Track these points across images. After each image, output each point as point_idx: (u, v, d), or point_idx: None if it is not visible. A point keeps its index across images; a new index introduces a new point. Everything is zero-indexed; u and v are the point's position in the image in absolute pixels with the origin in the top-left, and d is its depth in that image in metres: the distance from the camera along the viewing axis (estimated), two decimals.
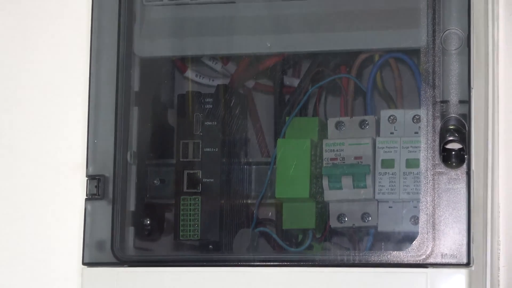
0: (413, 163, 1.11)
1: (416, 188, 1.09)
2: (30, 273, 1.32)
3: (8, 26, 1.37)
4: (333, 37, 1.15)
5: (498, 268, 1.18)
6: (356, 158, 1.13)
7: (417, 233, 1.04)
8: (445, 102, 1.06)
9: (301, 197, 1.13)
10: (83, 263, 1.11)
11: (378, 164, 1.12)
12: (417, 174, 1.09)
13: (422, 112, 1.06)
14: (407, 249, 1.05)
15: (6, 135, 1.35)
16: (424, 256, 1.03)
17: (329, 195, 1.13)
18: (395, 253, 1.05)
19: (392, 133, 1.13)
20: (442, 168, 1.05)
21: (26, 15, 1.37)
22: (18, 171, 1.35)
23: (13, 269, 1.34)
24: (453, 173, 1.04)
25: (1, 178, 1.36)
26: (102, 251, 1.11)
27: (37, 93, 1.35)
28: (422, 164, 1.06)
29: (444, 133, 1.05)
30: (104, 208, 1.12)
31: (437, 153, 1.05)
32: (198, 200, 1.16)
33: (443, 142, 1.05)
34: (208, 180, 1.16)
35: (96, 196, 1.12)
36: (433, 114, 1.05)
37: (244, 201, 1.18)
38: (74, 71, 1.31)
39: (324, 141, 1.14)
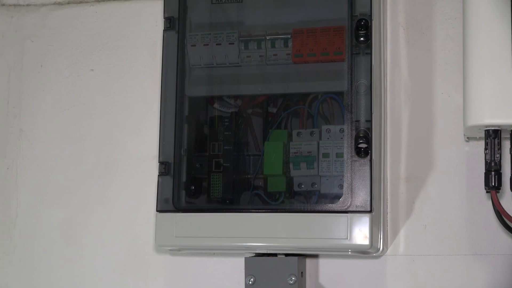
0: (340, 155, 1.10)
1: (341, 169, 1.08)
2: (128, 217, 1.28)
3: (117, 83, 1.32)
4: (295, 85, 1.15)
5: (387, 213, 1.18)
6: (308, 152, 1.11)
7: (342, 194, 1.06)
8: (357, 121, 1.07)
9: (278, 174, 1.12)
10: (157, 211, 1.11)
11: (320, 155, 1.11)
12: (342, 161, 1.08)
13: (345, 127, 1.08)
14: (336, 203, 1.06)
15: (123, 142, 1.30)
16: (346, 207, 1.05)
17: (293, 172, 1.12)
18: (330, 205, 1.07)
19: (328, 138, 1.12)
20: (356, 158, 1.06)
21: (131, 74, 1.32)
22: (125, 161, 1.29)
23: (118, 216, 1.29)
24: (362, 160, 1.06)
25: (117, 163, 1.30)
26: (167, 204, 1.11)
27: (134, 118, 1.30)
28: (345, 156, 1.07)
29: (357, 138, 1.07)
30: (168, 180, 1.12)
31: (353, 149, 1.06)
32: (220, 175, 1.14)
33: (356, 143, 1.07)
34: (226, 164, 1.14)
35: (164, 173, 1.12)
36: (351, 128, 1.07)
37: (246, 176, 1.15)
38: (153, 104, 1.26)
39: (290, 143, 1.13)
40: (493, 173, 1.04)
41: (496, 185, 1.04)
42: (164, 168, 1.13)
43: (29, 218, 1.32)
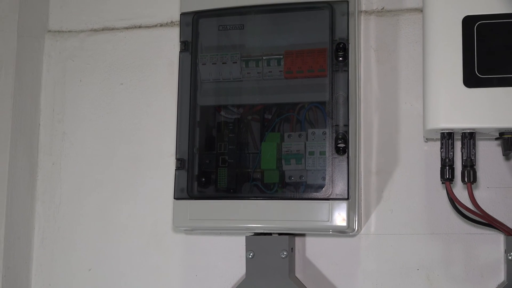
0: (323, 153, 1.09)
1: (324, 164, 1.08)
2: (151, 203, 1.27)
3: (142, 94, 1.30)
4: (287, 96, 1.15)
5: (361, 200, 1.17)
6: (297, 151, 1.11)
7: (324, 184, 1.07)
8: (337, 125, 1.08)
9: (272, 168, 1.12)
10: (174, 198, 1.12)
11: (307, 153, 1.10)
12: (325, 158, 1.08)
13: (327, 130, 1.08)
14: (320, 192, 1.07)
15: (146, 142, 1.28)
16: (328, 195, 1.06)
17: (285, 167, 1.12)
18: (315, 193, 1.08)
19: (313, 139, 1.11)
20: (336, 155, 1.07)
21: (153, 88, 1.29)
22: (148, 157, 1.27)
23: (142, 202, 1.28)
24: (341, 157, 1.07)
25: (142, 160, 1.28)
26: (182, 193, 1.12)
27: (155, 123, 1.28)
28: (327, 153, 1.08)
29: (337, 139, 1.08)
30: (184, 174, 1.12)
31: (333, 148, 1.07)
32: (226, 170, 1.13)
33: (336, 143, 1.07)
34: (230, 160, 1.14)
35: (180, 168, 1.12)
36: (332, 131, 1.08)
37: (247, 170, 1.14)
38: (171, 112, 1.24)
39: (283, 143, 1.12)
40: (447, 168, 1.04)
41: (450, 177, 1.04)
42: (180, 164, 1.13)
43: (70, 204, 1.32)
